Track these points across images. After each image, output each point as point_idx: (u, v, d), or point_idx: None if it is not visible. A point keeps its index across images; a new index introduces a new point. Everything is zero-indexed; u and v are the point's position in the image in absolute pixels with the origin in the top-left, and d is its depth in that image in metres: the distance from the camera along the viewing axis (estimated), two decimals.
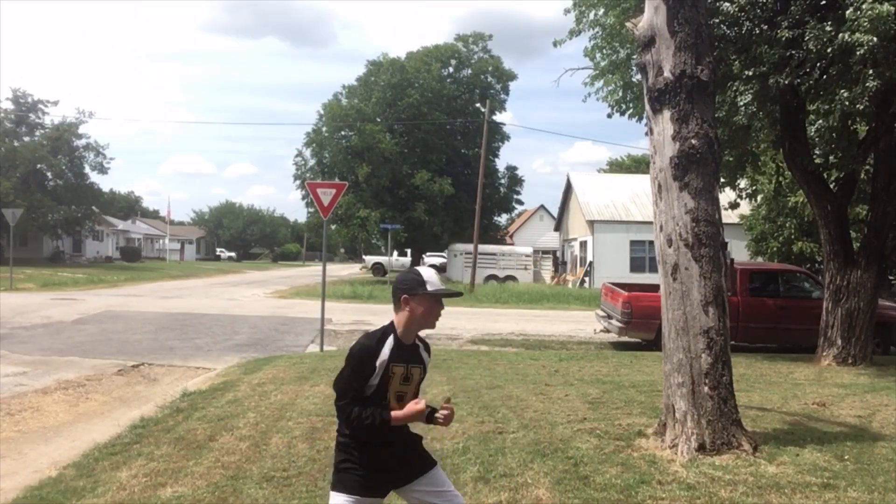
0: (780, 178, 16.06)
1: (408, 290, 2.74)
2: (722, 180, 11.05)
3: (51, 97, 62.00)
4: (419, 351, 2.87)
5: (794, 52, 8.87)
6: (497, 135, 38.64)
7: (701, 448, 5.14)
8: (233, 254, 78.70)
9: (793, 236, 22.96)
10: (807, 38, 8.62)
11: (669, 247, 5.48)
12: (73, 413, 7.12)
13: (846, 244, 10.73)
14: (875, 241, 10.45)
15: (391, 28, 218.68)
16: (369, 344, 2.71)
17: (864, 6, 7.85)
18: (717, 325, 5.33)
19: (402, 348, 2.76)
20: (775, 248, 23.40)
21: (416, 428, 3.02)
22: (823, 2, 9.44)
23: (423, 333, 2.89)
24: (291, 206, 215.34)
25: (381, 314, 18.57)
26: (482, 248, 32.61)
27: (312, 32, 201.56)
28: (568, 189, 38.04)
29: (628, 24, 6.00)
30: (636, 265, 30.83)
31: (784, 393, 7.88)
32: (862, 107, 8.52)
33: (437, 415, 2.76)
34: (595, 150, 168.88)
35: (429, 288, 2.73)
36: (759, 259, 24.11)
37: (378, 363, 2.68)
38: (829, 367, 10.16)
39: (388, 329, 2.78)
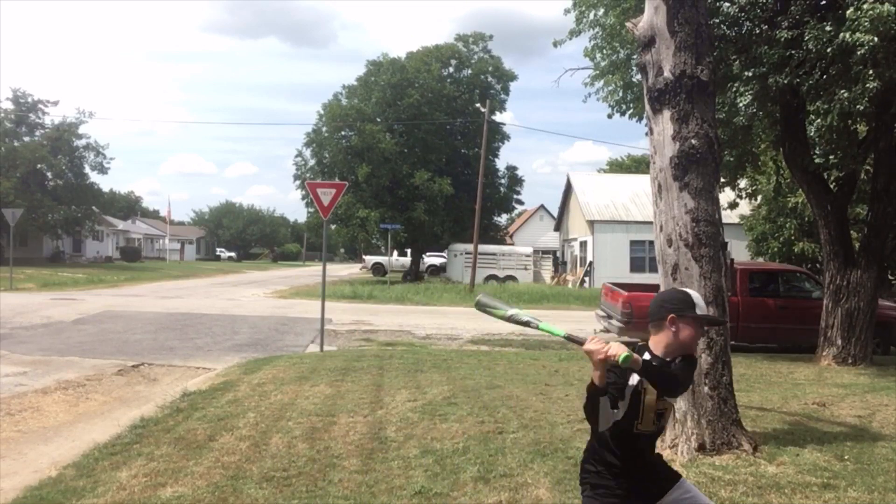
0: (781, 178, 16.06)
1: (676, 309, 2.52)
2: (722, 180, 11.05)
3: (51, 97, 62.27)
4: None
5: (794, 52, 8.87)
6: (497, 135, 38.58)
7: (701, 448, 5.15)
8: (233, 254, 78.66)
9: (793, 237, 22.95)
10: (807, 38, 8.62)
11: (669, 247, 5.48)
12: (73, 413, 7.12)
13: (846, 244, 10.73)
14: (875, 241, 10.45)
15: (391, 28, 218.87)
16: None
17: (864, 6, 7.85)
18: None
19: None
20: (776, 249, 23.40)
21: None
22: (823, 2, 9.44)
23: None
24: (291, 206, 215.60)
25: (381, 314, 18.58)
26: (482, 248, 32.61)
27: (312, 32, 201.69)
28: (568, 189, 38.06)
29: (628, 25, 6.00)
30: (636, 265, 30.85)
31: (784, 393, 7.88)
32: (862, 107, 8.52)
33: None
34: (595, 150, 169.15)
35: (698, 311, 2.52)
36: (760, 259, 24.11)
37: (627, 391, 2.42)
38: (829, 367, 10.16)
39: (642, 349, 2.54)
